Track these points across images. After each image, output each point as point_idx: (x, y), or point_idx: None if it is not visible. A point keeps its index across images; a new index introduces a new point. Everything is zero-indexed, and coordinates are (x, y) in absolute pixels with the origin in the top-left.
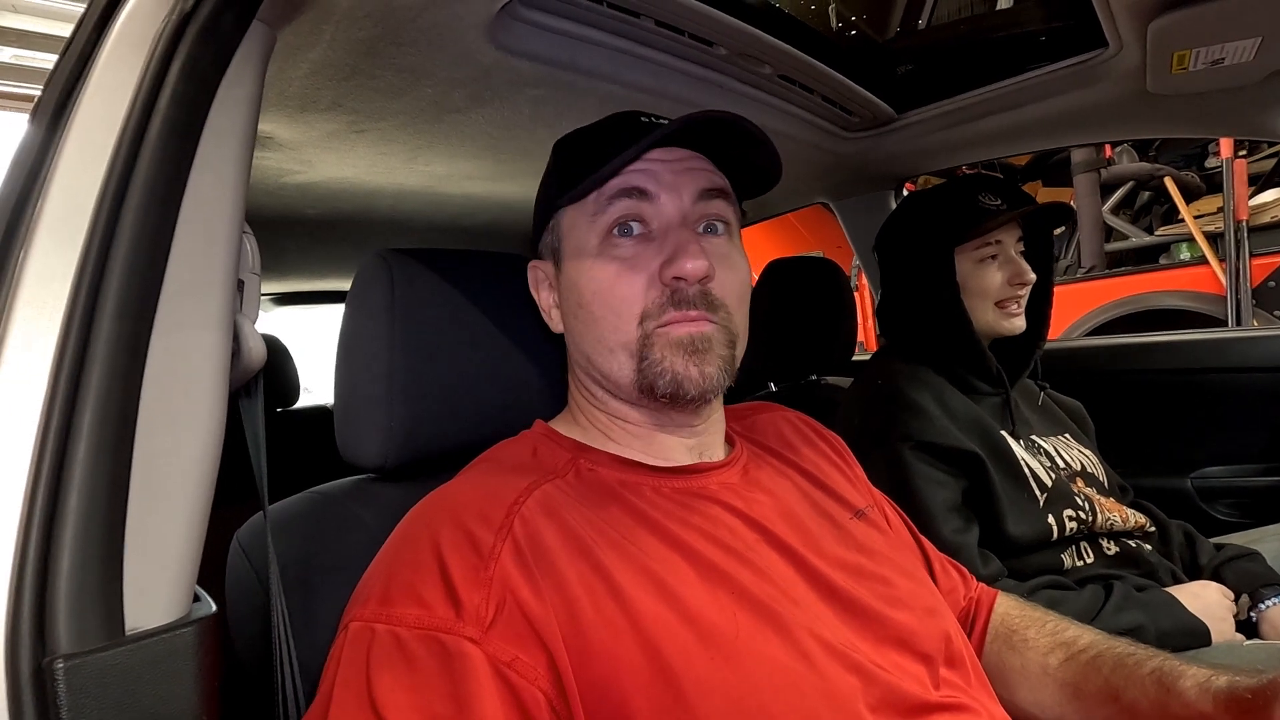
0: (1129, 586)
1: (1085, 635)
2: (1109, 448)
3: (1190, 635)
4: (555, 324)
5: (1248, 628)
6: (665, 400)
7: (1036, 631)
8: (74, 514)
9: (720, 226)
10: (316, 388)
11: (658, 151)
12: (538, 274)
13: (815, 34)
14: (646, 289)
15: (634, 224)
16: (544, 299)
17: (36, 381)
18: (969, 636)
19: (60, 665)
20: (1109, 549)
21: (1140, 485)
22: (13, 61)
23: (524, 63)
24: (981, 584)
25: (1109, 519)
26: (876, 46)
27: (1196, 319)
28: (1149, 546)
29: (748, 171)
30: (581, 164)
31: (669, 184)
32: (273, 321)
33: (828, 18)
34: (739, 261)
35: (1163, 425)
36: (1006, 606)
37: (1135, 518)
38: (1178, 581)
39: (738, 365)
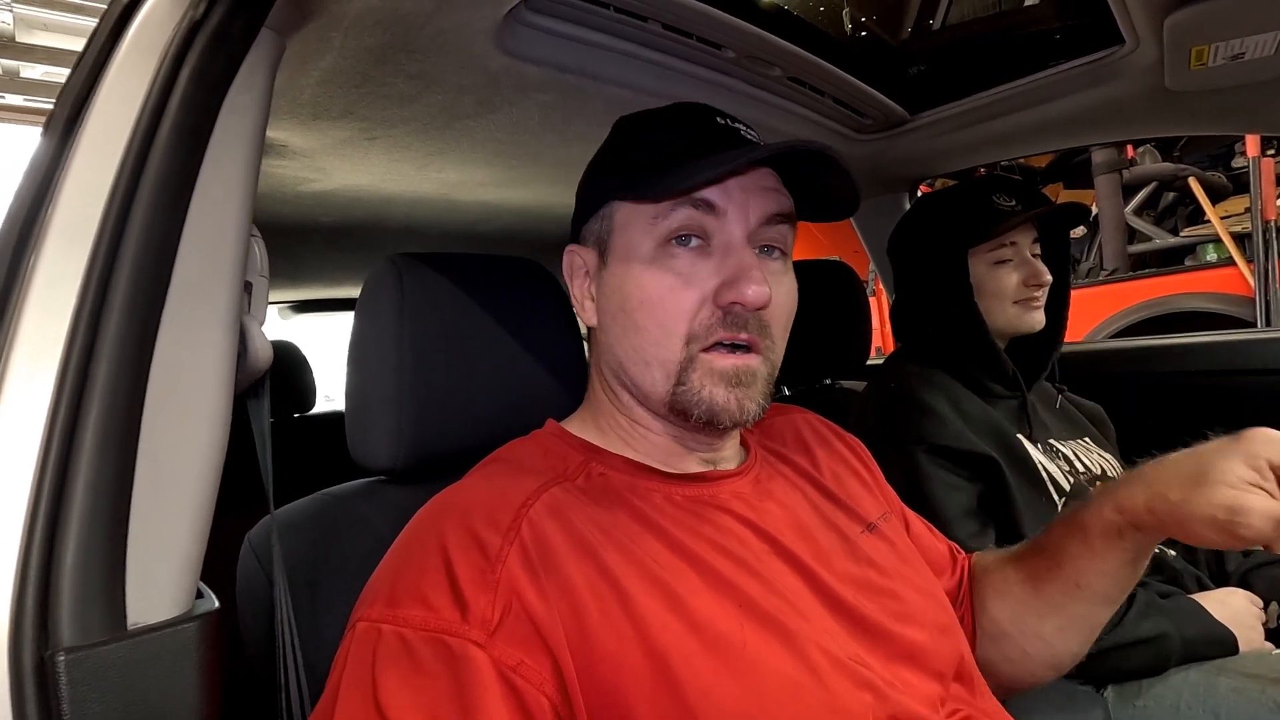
0: (1152, 593)
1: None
2: (1133, 452)
3: (1217, 643)
4: (588, 316)
5: (1276, 636)
6: (696, 426)
7: (993, 558)
8: (78, 508)
9: (777, 251)
10: (338, 396)
11: None
12: (575, 260)
13: (825, 36)
14: (698, 308)
15: (694, 236)
16: (578, 288)
17: (44, 377)
18: (960, 598)
19: (62, 658)
20: None
21: None
22: (43, 79)
23: (531, 68)
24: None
25: None
26: (888, 47)
27: (1224, 321)
28: (1173, 552)
29: (817, 195)
30: (648, 158)
31: (739, 201)
32: (295, 330)
33: (839, 19)
34: (792, 288)
35: (1189, 429)
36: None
37: None
38: (1203, 588)
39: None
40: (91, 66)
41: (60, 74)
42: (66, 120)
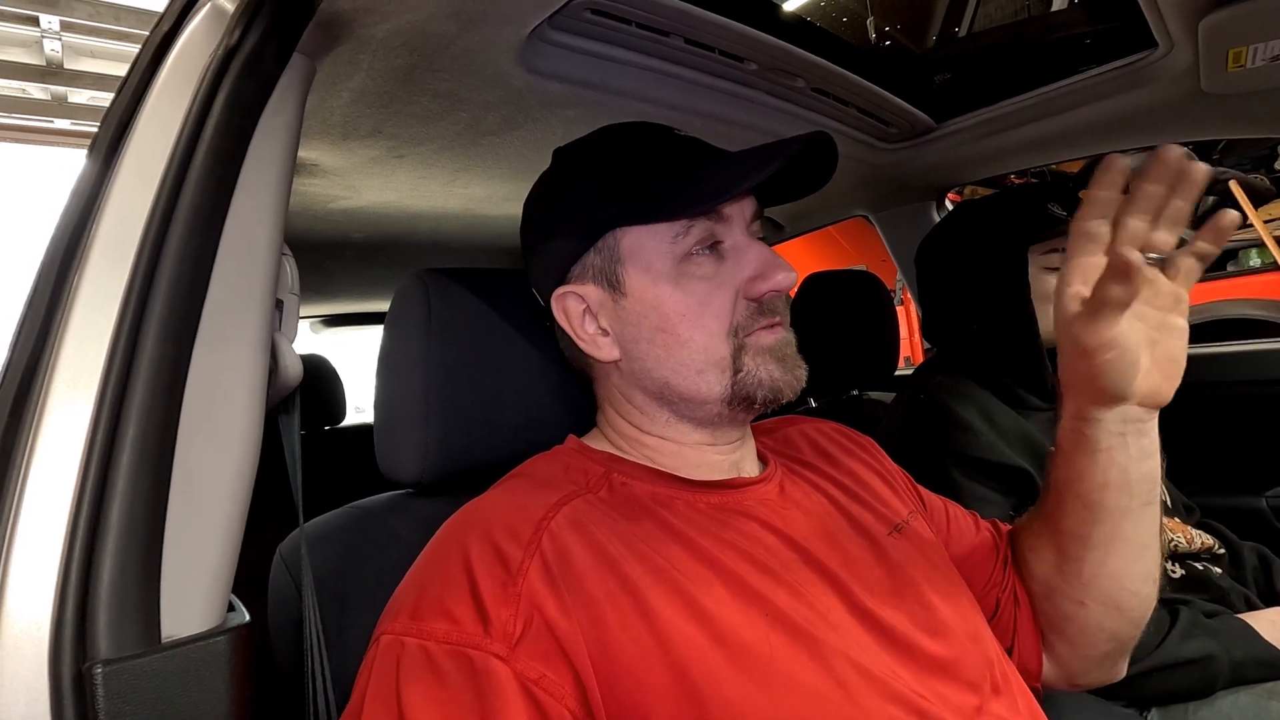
0: (1196, 612)
1: None
2: (1175, 466)
3: (1267, 666)
4: (605, 352)
5: None
6: (759, 407)
7: (1024, 518)
8: (116, 524)
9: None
10: (368, 407)
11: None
12: (570, 303)
13: (848, 46)
14: (733, 304)
15: (711, 244)
16: (584, 328)
17: (85, 398)
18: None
19: (100, 670)
20: (1174, 572)
21: (1210, 505)
22: (89, 103)
23: (555, 84)
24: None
25: (1173, 540)
26: (913, 56)
27: (1270, 329)
28: (1219, 570)
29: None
30: (641, 181)
31: (738, 205)
32: (327, 343)
33: (863, 29)
34: None
35: (1234, 441)
36: None
37: (1202, 539)
38: (1252, 607)
39: None
40: (134, 91)
41: (106, 99)
42: (110, 143)
